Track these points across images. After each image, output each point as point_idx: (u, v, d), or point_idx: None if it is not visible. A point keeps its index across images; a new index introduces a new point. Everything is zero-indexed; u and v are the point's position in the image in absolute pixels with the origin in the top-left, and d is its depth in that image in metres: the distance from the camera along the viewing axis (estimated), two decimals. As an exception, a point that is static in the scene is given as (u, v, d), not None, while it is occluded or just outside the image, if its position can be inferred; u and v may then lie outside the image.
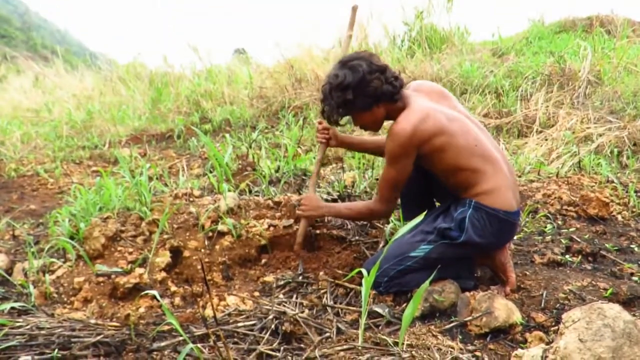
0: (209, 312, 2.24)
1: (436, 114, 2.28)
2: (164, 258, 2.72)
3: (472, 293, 2.31)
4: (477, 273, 2.60)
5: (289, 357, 1.87)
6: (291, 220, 3.01)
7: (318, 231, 3.02)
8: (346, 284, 2.49)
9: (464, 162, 2.29)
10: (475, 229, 2.30)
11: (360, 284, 2.30)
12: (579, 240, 3.04)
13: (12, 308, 2.27)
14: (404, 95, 2.39)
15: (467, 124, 2.37)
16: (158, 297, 1.89)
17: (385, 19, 9.91)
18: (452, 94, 2.57)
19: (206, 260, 2.77)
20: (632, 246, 3.02)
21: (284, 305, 2.30)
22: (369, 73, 2.30)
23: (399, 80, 2.37)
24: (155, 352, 1.87)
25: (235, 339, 2.01)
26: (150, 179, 3.91)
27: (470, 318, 2.13)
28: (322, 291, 2.47)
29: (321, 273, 2.62)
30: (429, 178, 2.56)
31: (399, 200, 2.63)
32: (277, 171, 4.27)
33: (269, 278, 2.64)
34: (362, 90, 2.31)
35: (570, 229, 3.22)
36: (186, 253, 2.79)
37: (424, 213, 2.06)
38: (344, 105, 2.37)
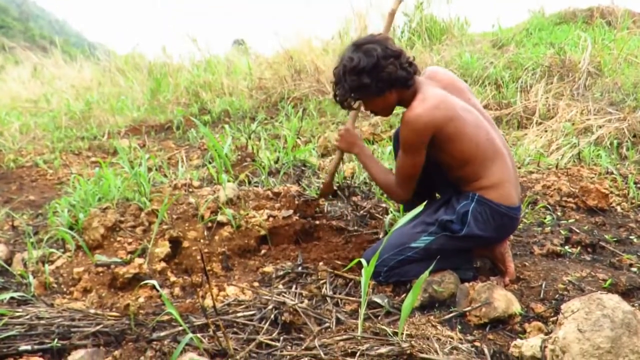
0: (208, 302, 2.24)
1: (449, 101, 2.26)
2: (164, 248, 2.72)
3: (471, 284, 2.31)
4: (477, 264, 2.60)
5: (289, 347, 1.88)
6: (290, 211, 3.01)
7: (317, 222, 3.02)
8: (345, 275, 2.49)
9: (474, 153, 2.27)
10: (477, 223, 2.30)
11: (359, 275, 2.30)
12: (578, 231, 3.04)
13: (12, 298, 2.27)
14: (417, 81, 2.35)
15: (479, 117, 2.35)
16: (158, 287, 1.89)
17: (385, 9, 9.86)
18: (466, 84, 2.53)
19: (205, 250, 2.77)
20: (631, 237, 3.02)
21: (284, 296, 2.30)
22: (383, 58, 2.24)
23: (412, 66, 2.33)
24: (154, 342, 1.87)
25: (235, 329, 2.01)
26: (150, 169, 3.91)
27: (469, 308, 2.14)
28: (322, 281, 2.47)
29: (320, 263, 2.63)
30: (430, 169, 2.54)
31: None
32: (276, 162, 4.27)
33: (269, 268, 2.64)
34: (376, 75, 2.26)
35: (570, 220, 3.23)
36: (185, 243, 2.79)
37: (424, 203, 2.06)
38: (357, 90, 2.32)
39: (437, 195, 2.77)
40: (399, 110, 2.57)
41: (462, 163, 2.31)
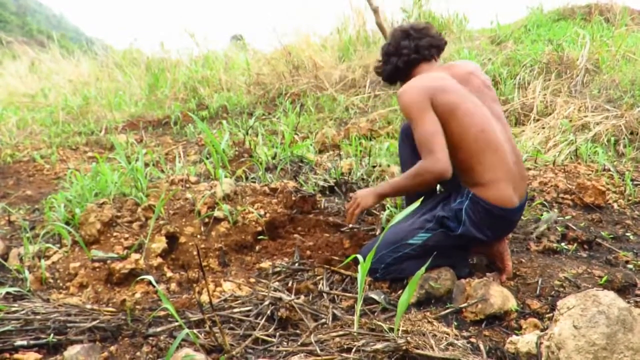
0: (204, 297, 2.24)
1: (445, 81, 2.33)
2: (160, 244, 2.72)
3: (467, 280, 2.31)
4: (473, 260, 2.60)
5: (285, 343, 1.88)
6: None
7: (315, 218, 3.02)
8: (342, 271, 2.49)
9: (466, 140, 2.24)
10: (472, 222, 2.29)
11: (356, 271, 2.30)
12: (574, 228, 3.04)
13: (8, 293, 2.27)
14: (429, 67, 2.51)
15: (480, 109, 2.31)
16: (154, 283, 1.89)
17: (384, 5, 9.86)
18: (484, 79, 2.50)
19: (202, 246, 2.77)
20: (627, 234, 3.02)
21: (280, 292, 2.30)
22: (405, 38, 2.52)
23: (431, 50, 2.52)
24: (151, 338, 1.87)
25: (231, 325, 2.01)
26: (147, 165, 3.91)
27: (465, 305, 2.14)
28: (318, 277, 2.47)
29: (317, 259, 2.62)
30: None
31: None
32: (273, 158, 4.26)
33: (265, 264, 2.64)
34: (400, 55, 2.53)
35: (566, 217, 3.23)
36: (182, 239, 2.79)
37: (421, 199, 2.05)
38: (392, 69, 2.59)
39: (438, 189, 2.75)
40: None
41: (454, 148, 2.25)
